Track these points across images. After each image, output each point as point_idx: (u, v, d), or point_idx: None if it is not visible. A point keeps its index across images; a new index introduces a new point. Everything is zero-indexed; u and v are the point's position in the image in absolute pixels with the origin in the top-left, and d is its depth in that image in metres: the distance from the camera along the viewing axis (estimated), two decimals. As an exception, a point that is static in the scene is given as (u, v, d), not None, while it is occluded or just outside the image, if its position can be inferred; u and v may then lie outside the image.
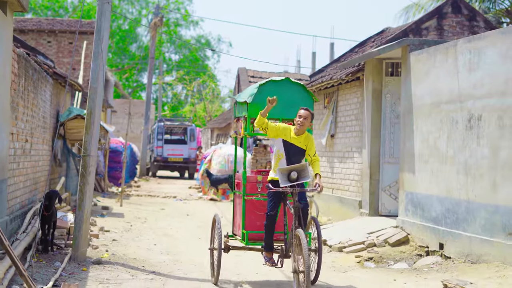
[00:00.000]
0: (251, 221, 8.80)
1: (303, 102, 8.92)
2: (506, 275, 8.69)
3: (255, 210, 8.80)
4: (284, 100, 8.84)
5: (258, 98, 8.82)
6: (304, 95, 9.05)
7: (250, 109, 8.89)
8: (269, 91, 8.78)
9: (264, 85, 8.97)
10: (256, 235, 8.72)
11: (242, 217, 8.84)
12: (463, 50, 10.24)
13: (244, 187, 8.85)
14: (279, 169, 8.06)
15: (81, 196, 9.50)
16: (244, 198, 8.84)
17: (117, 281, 8.47)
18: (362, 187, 13.92)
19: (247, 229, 8.77)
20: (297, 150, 8.31)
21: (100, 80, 9.68)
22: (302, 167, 8.03)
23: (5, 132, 9.61)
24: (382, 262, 10.77)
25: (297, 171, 8.02)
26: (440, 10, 14.45)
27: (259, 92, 8.87)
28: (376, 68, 13.52)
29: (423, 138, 11.40)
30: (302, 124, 8.22)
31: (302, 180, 8.00)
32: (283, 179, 7.99)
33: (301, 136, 8.33)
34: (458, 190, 10.27)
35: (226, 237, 8.93)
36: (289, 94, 8.96)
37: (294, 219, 7.93)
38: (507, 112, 9.18)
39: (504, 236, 9.14)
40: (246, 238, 8.74)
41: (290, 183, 7.98)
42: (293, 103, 8.89)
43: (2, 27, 9.32)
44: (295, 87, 9.05)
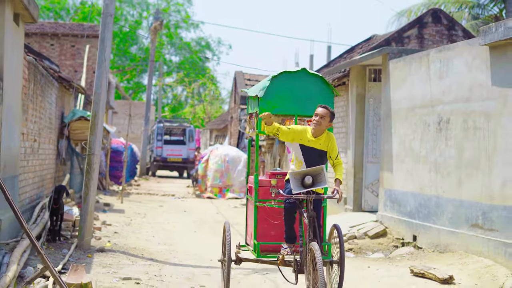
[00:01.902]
0: (264, 231, 7.81)
1: (322, 96, 7.93)
2: (467, 262, 9.70)
3: (268, 218, 7.79)
4: (300, 94, 7.92)
5: (271, 92, 7.88)
6: (323, 87, 7.99)
7: (261, 104, 7.87)
8: (283, 84, 7.91)
9: (277, 77, 7.94)
10: (270, 247, 7.69)
11: (254, 226, 7.84)
12: (434, 59, 11.24)
13: (256, 192, 7.84)
14: (292, 172, 7.11)
15: (86, 191, 10.51)
16: (256, 205, 7.83)
17: (118, 265, 9.47)
18: (347, 185, 14.92)
19: (259, 240, 7.76)
20: (317, 153, 7.35)
21: (104, 86, 10.69)
22: (317, 170, 7.06)
23: (17, 132, 10.60)
24: (361, 252, 11.75)
25: (312, 176, 7.07)
26: (421, 20, 15.46)
27: (271, 85, 7.89)
28: (360, 74, 14.52)
29: (400, 140, 12.39)
30: (319, 123, 7.28)
31: (317, 186, 7.03)
32: (297, 184, 7.05)
33: (321, 137, 7.36)
34: (429, 187, 11.26)
35: (238, 248, 7.98)
36: (306, 87, 7.94)
37: (308, 230, 7.00)
38: (470, 116, 10.18)
39: (467, 227, 10.14)
40: (257, 249, 7.67)
41: (304, 189, 7.05)
42: (310, 97, 7.91)
43: (16, 37, 10.31)
44: (312, 79, 7.99)
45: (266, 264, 7.77)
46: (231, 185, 23.35)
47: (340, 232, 7.38)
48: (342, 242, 7.32)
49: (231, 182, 23.41)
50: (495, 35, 9.28)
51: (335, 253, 7.49)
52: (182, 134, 36.83)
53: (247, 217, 8.37)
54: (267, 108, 7.83)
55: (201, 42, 66.81)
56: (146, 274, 9.07)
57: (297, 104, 7.89)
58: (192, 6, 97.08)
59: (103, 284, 8.06)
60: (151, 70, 36.88)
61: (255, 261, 7.78)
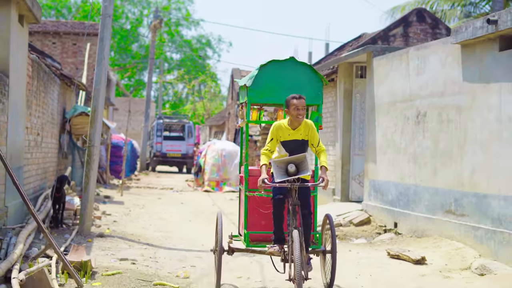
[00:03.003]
0: (255, 220, 7.85)
1: (310, 84, 7.86)
2: (440, 245, 10.45)
3: (258, 207, 7.81)
4: (288, 83, 7.86)
5: (259, 81, 7.85)
6: (312, 76, 7.92)
7: (250, 93, 7.86)
8: (272, 73, 7.87)
9: (266, 66, 7.90)
10: (261, 236, 7.77)
11: (244, 215, 7.88)
12: (413, 57, 11.97)
13: (246, 181, 7.85)
14: (274, 160, 7.05)
15: (86, 180, 11.27)
16: (246, 195, 7.87)
17: (116, 249, 10.22)
18: (335, 177, 15.65)
19: (250, 229, 7.82)
20: (300, 144, 7.30)
21: (103, 83, 11.42)
22: (300, 158, 6.98)
23: (22, 126, 11.34)
24: (346, 239, 12.49)
25: (295, 164, 7.00)
26: (406, 19, 16.18)
27: (260, 74, 7.88)
28: (347, 71, 15.24)
29: (383, 132, 13.12)
30: (301, 115, 7.21)
31: (301, 173, 6.94)
32: (280, 173, 6.98)
33: (300, 128, 7.28)
34: (409, 176, 12.00)
35: (230, 238, 7.96)
36: (294, 76, 7.88)
37: (292, 218, 7.00)
38: (444, 109, 10.91)
39: (441, 213, 10.88)
40: (247, 239, 7.76)
41: (288, 177, 6.98)
42: (299, 86, 7.83)
43: (20, 37, 11.04)
44: (301, 68, 7.91)
45: (256, 253, 7.77)
46: (228, 178, 24.08)
47: (332, 222, 7.51)
48: (334, 232, 7.43)
49: (228, 176, 24.14)
50: (465, 34, 10.01)
51: (328, 243, 7.60)
52: (181, 130, 37.61)
53: (240, 207, 8.31)
54: (255, 97, 7.85)
55: (201, 39, 67.41)
56: (141, 256, 9.81)
57: (286, 93, 7.61)
58: (193, 4, 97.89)
59: (101, 264, 8.79)
60: (151, 68, 37.62)
61: (246, 251, 7.80)
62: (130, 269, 8.66)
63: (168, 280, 8.18)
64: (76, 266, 7.81)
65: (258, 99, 7.89)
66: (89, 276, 7.81)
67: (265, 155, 7.27)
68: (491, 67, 9.65)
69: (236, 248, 7.78)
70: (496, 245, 9.38)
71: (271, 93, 7.92)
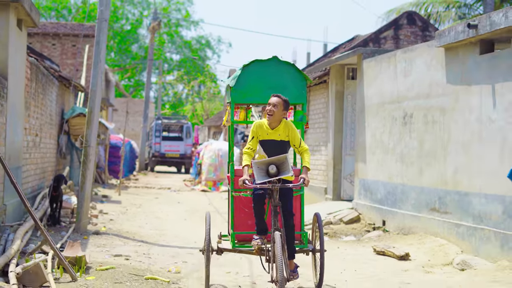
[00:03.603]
0: (241, 220, 7.81)
1: (294, 83, 7.86)
2: (424, 241, 10.81)
3: (244, 207, 7.76)
4: (272, 82, 7.85)
5: (242, 81, 7.85)
6: (295, 75, 7.90)
7: (233, 93, 7.87)
8: (255, 73, 7.86)
9: (249, 66, 7.87)
10: (248, 236, 7.65)
11: (231, 215, 7.87)
12: (400, 59, 12.32)
13: (232, 181, 7.81)
14: (255, 162, 7.01)
15: (83, 179, 11.62)
16: (232, 195, 7.84)
17: (111, 246, 10.58)
18: (327, 176, 16.01)
19: (237, 229, 7.79)
20: (278, 144, 7.27)
21: (99, 85, 11.77)
22: (281, 159, 6.95)
23: (20, 127, 11.69)
24: (335, 236, 12.84)
25: (275, 165, 6.98)
26: (397, 22, 16.53)
27: (243, 74, 7.86)
28: (339, 72, 15.59)
29: (372, 133, 13.47)
30: (272, 112, 7.15)
31: (282, 174, 6.92)
32: (261, 174, 6.95)
33: (279, 128, 7.24)
34: (396, 175, 12.35)
35: (219, 238, 8.01)
36: (278, 75, 7.88)
37: (273, 219, 6.98)
38: (430, 110, 11.26)
39: (427, 211, 11.23)
40: (233, 239, 7.73)
41: (269, 178, 6.96)
42: (283, 85, 7.82)
43: (19, 41, 11.39)
44: (284, 67, 7.90)
45: (243, 253, 7.79)
46: (224, 178, 24.44)
47: (320, 221, 7.56)
48: (322, 231, 7.49)
49: (225, 176, 24.49)
50: (448, 38, 10.36)
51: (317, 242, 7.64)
52: (180, 130, 37.98)
53: (228, 207, 8.22)
54: (238, 97, 7.85)
55: (201, 40, 67.73)
56: (135, 252, 10.16)
57: (269, 93, 7.57)
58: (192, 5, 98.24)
59: (96, 259, 9.14)
60: (149, 69, 37.99)
61: (234, 251, 7.79)
62: (123, 264, 9.01)
63: (159, 275, 8.53)
64: (71, 261, 8.16)
65: (242, 99, 7.89)
66: (84, 270, 8.16)
67: (247, 154, 7.27)
68: (472, 69, 10.00)
69: (224, 248, 7.77)
70: (477, 241, 9.73)
71: (255, 92, 7.90)
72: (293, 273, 7.25)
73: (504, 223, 9.15)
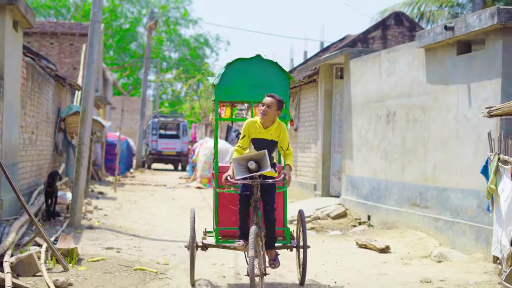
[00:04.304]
0: (225, 216, 7.93)
1: (277, 82, 7.99)
2: (405, 235, 11.23)
3: (228, 204, 7.84)
4: (255, 80, 7.97)
5: (226, 79, 7.97)
6: (279, 74, 8.04)
7: (217, 91, 8.00)
8: (238, 71, 7.97)
9: (232, 64, 8.00)
10: (231, 232, 7.78)
11: (215, 212, 7.98)
12: (384, 59, 12.73)
13: (216, 178, 7.89)
14: (235, 158, 7.14)
15: (76, 176, 12.04)
16: (215, 191, 7.92)
17: (104, 239, 10.99)
18: (317, 173, 16.42)
19: (221, 225, 7.92)
20: (268, 144, 7.38)
21: (92, 85, 12.18)
22: (260, 155, 7.09)
23: (17, 125, 12.09)
24: (322, 231, 13.25)
25: (255, 161, 7.11)
26: (385, 22, 16.94)
27: (227, 72, 7.98)
28: (328, 72, 16.00)
29: (358, 131, 13.89)
30: (265, 112, 7.25)
31: (262, 170, 7.07)
32: (241, 170, 7.09)
33: (271, 128, 7.36)
34: (380, 172, 12.77)
35: (205, 234, 8.10)
36: (261, 73, 7.99)
37: (253, 215, 7.18)
38: (411, 109, 11.67)
39: (408, 206, 11.65)
40: (216, 235, 7.89)
41: (249, 173, 7.10)
42: (266, 84, 7.96)
43: (15, 42, 11.80)
44: (267, 66, 8.02)
45: (227, 249, 7.88)
46: (219, 176, 24.82)
47: (303, 218, 7.75)
48: (304, 228, 7.66)
49: (220, 173, 24.87)
50: (427, 39, 10.77)
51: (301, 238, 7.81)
52: (176, 128, 38.39)
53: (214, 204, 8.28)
54: (222, 95, 7.98)
55: (200, 38, 68.01)
56: (127, 245, 10.58)
57: (253, 91, 7.83)
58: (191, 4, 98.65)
59: (88, 252, 9.56)
60: (146, 68, 38.40)
61: (217, 247, 7.90)
62: (114, 256, 9.43)
63: (148, 266, 8.95)
64: (64, 253, 8.57)
65: (225, 97, 8.02)
66: (76, 261, 8.57)
67: (237, 152, 7.37)
68: (450, 70, 10.41)
69: (209, 244, 7.90)
70: (453, 234, 10.15)
71: (238, 90, 8.02)
72: (273, 261, 7.51)
73: (479, 217, 9.56)
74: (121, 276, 8.17)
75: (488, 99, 9.36)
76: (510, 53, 9.14)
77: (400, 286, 8.15)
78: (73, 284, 7.47)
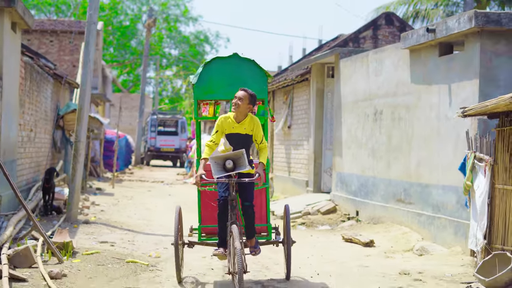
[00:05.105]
0: (208, 214, 8.04)
1: (255, 79, 8.09)
2: (390, 230, 11.64)
3: (210, 201, 7.93)
4: (233, 79, 8.05)
5: (205, 78, 8.07)
6: (256, 71, 8.13)
7: (195, 90, 8.15)
8: (217, 70, 8.07)
9: (210, 63, 8.12)
10: (215, 229, 7.84)
11: (198, 209, 8.12)
12: (372, 60, 13.11)
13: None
14: (212, 157, 7.16)
15: (73, 172, 12.45)
16: (198, 189, 8.08)
17: (99, 234, 11.40)
18: (309, 169, 16.82)
19: (204, 223, 8.10)
20: (243, 138, 7.46)
21: (88, 84, 12.58)
22: (238, 154, 7.15)
23: (15, 123, 12.49)
24: (312, 226, 13.65)
25: (232, 160, 7.16)
26: (375, 22, 17.31)
27: (205, 71, 8.09)
28: (319, 71, 16.39)
29: (347, 129, 14.28)
30: (237, 105, 7.33)
31: (238, 169, 7.14)
32: (217, 168, 7.11)
33: (244, 121, 7.44)
34: (368, 169, 13.16)
35: (191, 231, 8.27)
36: (239, 71, 8.08)
37: (230, 213, 7.25)
38: (397, 108, 12.06)
39: (394, 202, 12.05)
40: (199, 232, 8.11)
41: (226, 173, 7.15)
42: (244, 82, 8.03)
43: (13, 43, 12.19)
44: (245, 64, 8.12)
45: (210, 246, 8.01)
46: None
47: (288, 213, 7.84)
48: (288, 223, 7.78)
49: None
50: (411, 40, 11.15)
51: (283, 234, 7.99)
52: (175, 125, 38.82)
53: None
54: (201, 94, 8.07)
55: (199, 35, 68.33)
56: (121, 239, 10.98)
57: (231, 89, 7.80)
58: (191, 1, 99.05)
59: (83, 246, 9.96)
60: (145, 65, 38.80)
61: (201, 244, 8.08)
62: (108, 249, 9.84)
63: (140, 259, 9.34)
64: (59, 246, 8.97)
65: (204, 95, 8.10)
66: (70, 254, 8.97)
67: (209, 147, 7.40)
68: (432, 70, 10.80)
69: (193, 242, 8.04)
70: (435, 229, 10.55)
71: (217, 89, 8.11)
72: (254, 248, 7.62)
73: (458, 212, 9.96)
74: (114, 268, 8.57)
75: (467, 99, 9.74)
76: (487, 55, 9.53)
77: (378, 278, 8.55)
78: (67, 275, 7.87)
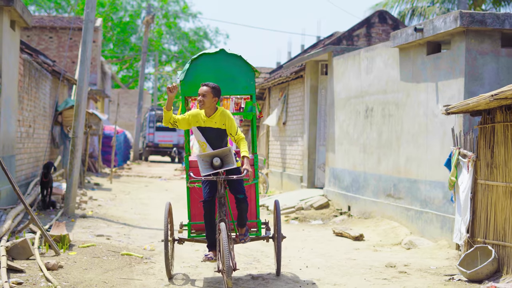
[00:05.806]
0: (197, 210, 8.05)
1: (242, 75, 8.10)
2: (380, 224, 11.91)
3: (199, 198, 7.89)
4: (220, 74, 8.03)
5: (192, 74, 8.04)
6: (243, 67, 8.12)
7: (183, 87, 8.05)
8: (204, 66, 8.05)
9: (197, 59, 8.08)
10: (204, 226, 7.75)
11: (188, 206, 8.16)
12: (363, 58, 13.38)
13: (187, 173, 7.95)
14: (199, 155, 7.18)
15: (70, 167, 12.74)
16: (187, 186, 8.08)
17: (96, 227, 11.68)
18: (303, 165, 17.10)
19: (193, 219, 8.12)
20: (215, 132, 7.40)
21: (86, 81, 12.85)
22: (225, 152, 7.16)
23: (14, 119, 12.77)
24: (305, 220, 13.93)
25: (220, 157, 7.17)
26: (369, 20, 17.56)
27: (192, 67, 8.05)
28: (314, 68, 16.65)
29: (340, 125, 14.56)
30: (202, 102, 7.29)
31: (227, 166, 7.15)
32: (205, 166, 7.12)
33: (214, 116, 7.37)
34: (359, 164, 13.44)
35: (181, 228, 8.28)
36: (226, 67, 8.07)
37: (218, 211, 7.22)
38: (387, 105, 12.33)
39: (384, 197, 12.33)
40: (189, 229, 8.14)
41: (214, 170, 7.16)
42: (231, 77, 8.05)
43: (12, 40, 12.45)
44: (232, 59, 8.10)
45: (200, 242, 8.12)
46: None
47: (278, 209, 7.87)
48: (279, 218, 7.82)
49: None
50: (400, 39, 11.42)
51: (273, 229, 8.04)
52: (173, 121, 39.04)
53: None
54: (188, 90, 8.02)
55: (199, 32, 68.55)
56: (117, 233, 11.27)
57: (219, 85, 7.64)
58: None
59: (80, 239, 10.25)
60: (143, 61, 39.07)
61: (191, 240, 8.10)
62: (104, 243, 10.12)
63: (135, 252, 9.62)
64: (56, 239, 9.26)
65: (191, 92, 8.04)
66: (67, 247, 9.26)
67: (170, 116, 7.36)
68: (420, 68, 11.07)
69: (183, 238, 8.04)
70: (422, 223, 10.84)
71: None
72: (244, 236, 7.68)
73: (444, 207, 10.24)
74: (109, 260, 8.85)
75: (453, 97, 10.02)
76: (473, 54, 9.80)
77: (365, 270, 8.83)
78: (63, 267, 8.15)
